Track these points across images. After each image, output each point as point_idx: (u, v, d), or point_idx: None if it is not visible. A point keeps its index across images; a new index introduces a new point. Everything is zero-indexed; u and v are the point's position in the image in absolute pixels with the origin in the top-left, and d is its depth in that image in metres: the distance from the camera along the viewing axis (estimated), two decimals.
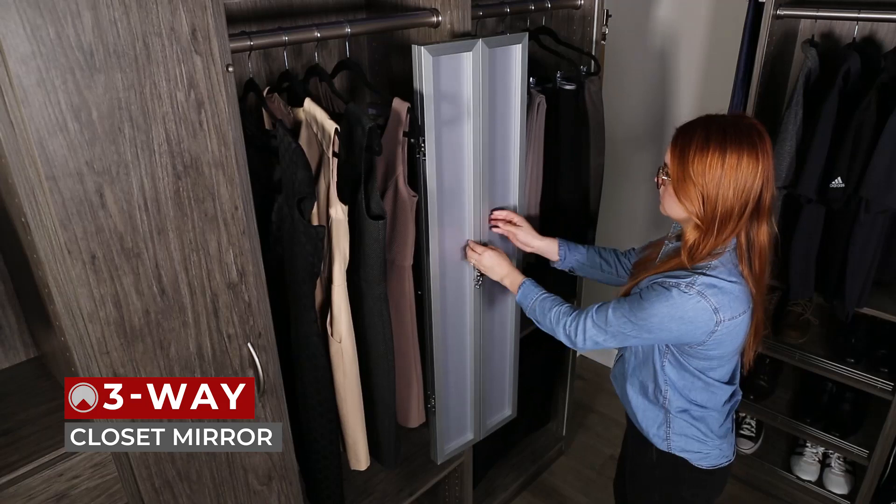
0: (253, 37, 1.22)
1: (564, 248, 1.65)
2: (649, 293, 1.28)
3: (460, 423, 1.84)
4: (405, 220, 1.48)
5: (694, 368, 1.35)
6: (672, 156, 1.26)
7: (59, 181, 0.93)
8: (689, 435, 1.42)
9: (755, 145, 1.19)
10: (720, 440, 1.43)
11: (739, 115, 1.23)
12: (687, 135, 1.24)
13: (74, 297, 1.00)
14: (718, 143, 1.19)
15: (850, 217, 1.83)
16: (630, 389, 1.48)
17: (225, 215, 1.15)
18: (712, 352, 1.31)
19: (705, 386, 1.37)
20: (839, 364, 2.09)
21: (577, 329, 1.39)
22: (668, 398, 1.40)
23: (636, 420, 1.49)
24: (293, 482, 1.46)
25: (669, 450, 1.44)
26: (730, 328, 1.26)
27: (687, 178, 1.23)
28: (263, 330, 1.28)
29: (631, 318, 1.30)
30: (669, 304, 1.24)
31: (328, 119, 1.28)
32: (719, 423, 1.42)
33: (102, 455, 1.11)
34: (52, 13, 0.87)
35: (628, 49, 2.58)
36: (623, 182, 2.81)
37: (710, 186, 1.20)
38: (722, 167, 1.19)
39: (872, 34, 1.96)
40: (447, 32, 1.50)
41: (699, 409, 1.39)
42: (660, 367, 1.38)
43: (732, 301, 1.25)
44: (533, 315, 1.50)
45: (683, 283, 1.24)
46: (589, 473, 2.56)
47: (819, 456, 2.38)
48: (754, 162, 1.19)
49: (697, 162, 1.21)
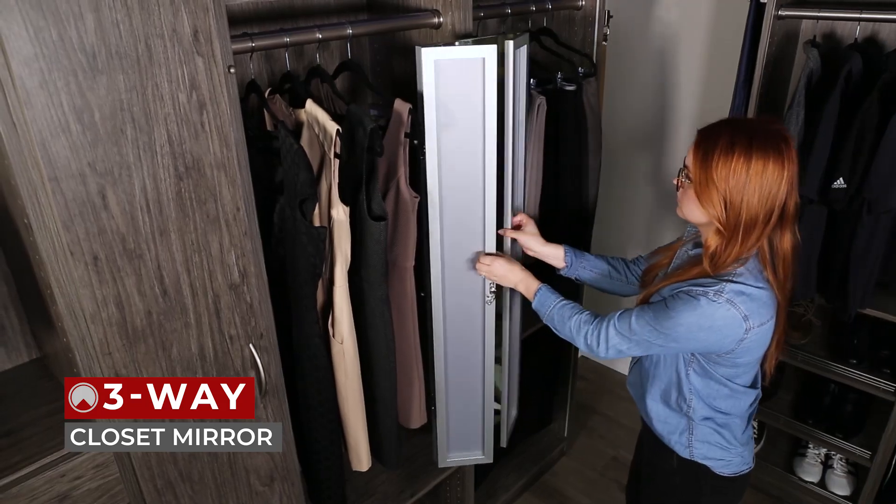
0: (255, 38, 1.22)
1: (571, 254, 1.61)
2: (675, 302, 1.24)
3: (467, 431, 1.81)
4: (407, 221, 1.48)
5: (720, 376, 1.32)
6: (695, 158, 1.22)
7: (61, 182, 0.93)
8: (713, 442, 1.39)
9: (781, 151, 1.16)
10: (742, 447, 1.41)
11: (766, 119, 1.21)
12: (711, 138, 1.20)
13: (76, 298, 1.00)
14: (744, 148, 1.16)
15: (852, 218, 1.83)
16: (650, 397, 1.44)
17: (227, 216, 1.15)
18: (740, 359, 1.28)
19: (731, 393, 1.34)
20: (841, 365, 2.09)
21: (600, 338, 1.35)
22: (692, 406, 1.37)
23: (655, 427, 1.46)
24: (295, 483, 1.46)
25: (692, 457, 1.41)
26: (759, 334, 1.23)
27: (710, 182, 1.19)
28: (265, 331, 1.28)
29: (656, 326, 1.26)
30: (698, 313, 1.21)
31: (330, 120, 1.29)
32: (742, 429, 1.40)
33: (104, 456, 1.11)
34: (55, 15, 0.87)
35: (630, 50, 2.58)
36: (623, 183, 2.80)
37: (733, 192, 1.17)
38: (747, 173, 1.16)
39: (874, 35, 1.95)
40: (448, 33, 1.50)
41: (723, 416, 1.37)
42: (685, 375, 1.35)
43: (761, 307, 1.22)
44: (551, 322, 1.47)
45: (712, 292, 1.20)
46: (591, 474, 2.55)
47: (821, 457, 2.38)
48: (780, 168, 1.16)
49: (722, 166, 1.17)
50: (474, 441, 1.83)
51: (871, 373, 2.04)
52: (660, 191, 2.73)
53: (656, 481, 1.56)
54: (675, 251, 1.45)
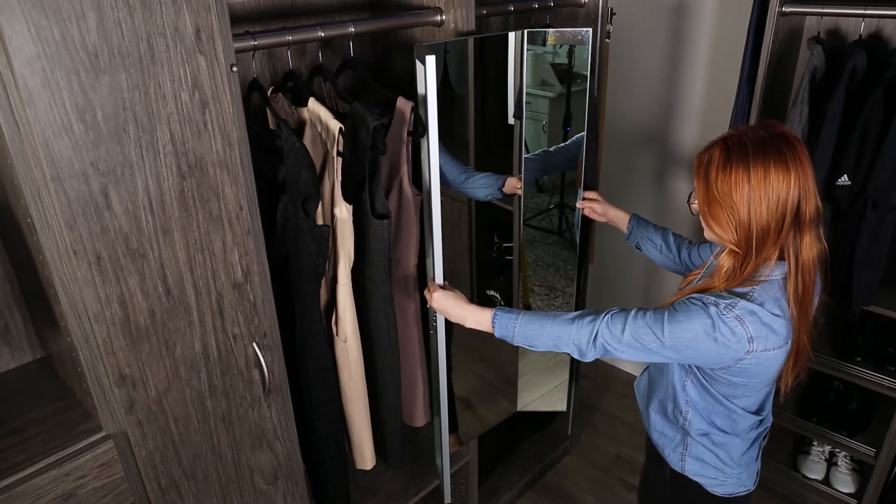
0: (257, 37, 1.22)
1: (633, 222, 1.66)
2: (684, 307, 1.18)
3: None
4: (410, 219, 1.48)
5: (717, 393, 1.27)
6: (697, 179, 1.18)
7: (64, 182, 0.93)
8: (707, 460, 1.35)
9: (783, 154, 1.10)
10: (739, 469, 1.35)
11: (763, 123, 1.15)
12: (707, 157, 1.16)
13: (80, 298, 1.00)
14: (740, 157, 1.11)
15: (856, 215, 1.82)
16: (651, 407, 1.43)
17: (230, 215, 1.15)
18: (735, 378, 1.22)
19: (727, 413, 1.29)
20: (846, 363, 2.08)
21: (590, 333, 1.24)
22: (688, 419, 1.33)
23: (653, 438, 1.44)
24: (299, 481, 1.46)
25: (683, 472, 1.38)
26: (760, 359, 1.17)
27: (714, 202, 1.15)
28: (269, 330, 1.28)
29: (655, 329, 1.19)
30: (705, 322, 1.15)
31: (332, 118, 1.28)
32: (741, 450, 1.33)
33: (109, 455, 1.11)
34: (57, 14, 0.87)
35: (633, 47, 2.57)
36: (628, 180, 2.80)
37: (739, 206, 1.12)
38: (749, 183, 1.10)
39: (879, 31, 1.94)
40: (451, 31, 1.49)
41: (720, 433, 1.31)
42: (680, 387, 1.31)
43: (770, 334, 1.15)
44: (524, 341, 1.31)
45: (723, 304, 1.14)
46: (595, 473, 2.55)
47: (826, 454, 2.37)
48: (784, 171, 1.10)
49: (722, 182, 1.12)
50: None
51: (875, 370, 2.04)
52: (663, 188, 2.72)
53: (652, 491, 1.56)
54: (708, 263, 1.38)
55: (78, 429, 1.12)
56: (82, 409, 1.16)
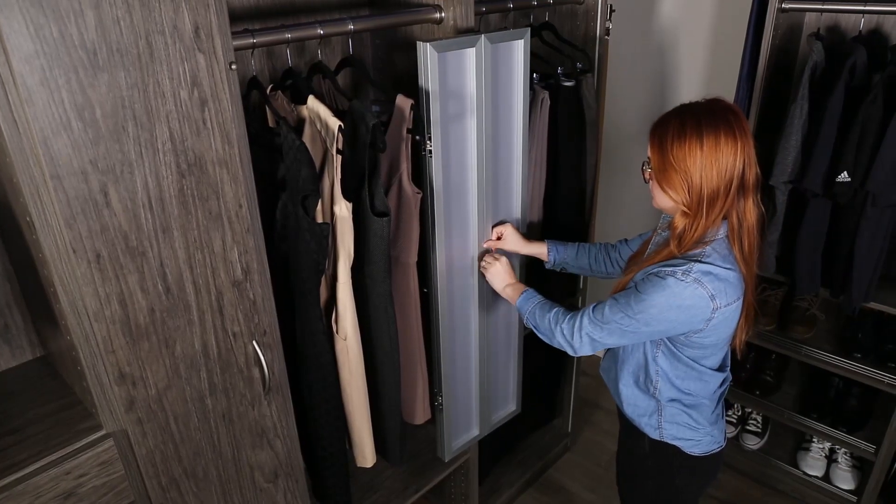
0: (256, 34, 1.21)
1: (553, 248, 1.71)
2: (645, 284, 1.28)
3: (466, 419, 1.84)
4: (409, 217, 1.48)
5: (687, 358, 1.36)
6: (652, 148, 1.28)
7: (63, 180, 0.93)
8: (681, 422, 1.43)
9: (731, 125, 1.21)
10: (711, 426, 1.45)
11: (712, 99, 1.27)
12: (663, 125, 1.26)
13: (80, 296, 1.00)
14: (694, 127, 1.22)
15: (856, 211, 1.82)
16: (622, 382, 1.49)
17: (229, 213, 1.15)
18: (706, 339, 1.32)
19: (698, 375, 1.38)
20: (846, 359, 2.08)
21: (574, 328, 1.39)
22: (658, 388, 1.41)
23: (626, 411, 1.51)
24: (299, 479, 1.46)
25: (662, 438, 1.45)
26: (725, 315, 1.27)
27: (669, 167, 1.25)
28: (268, 328, 1.28)
29: (627, 311, 1.30)
30: (667, 293, 1.25)
31: (332, 116, 1.28)
32: (711, 410, 1.44)
33: (109, 453, 1.11)
34: (56, 12, 0.87)
35: (632, 44, 2.57)
36: (626, 177, 2.80)
37: (692, 171, 1.23)
38: (701, 150, 1.21)
39: (879, 27, 1.94)
40: (450, 28, 1.49)
41: (690, 397, 1.41)
42: (651, 357, 1.40)
43: (728, 287, 1.26)
44: (532, 321, 1.49)
45: (679, 271, 1.25)
46: (595, 470, 2.56)
47: (826, 451, 2.37)
48: (732, 141, 1.21)
49: (677, 149, 1.23)
50: (469, 421, 1.86)
51: (875, 367, 2.04)
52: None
53: (631, 466, 1.60)
54: (651, 240, 1.49)
55: (78, 427, 1.12)
56: (82, 408, 1.16)
